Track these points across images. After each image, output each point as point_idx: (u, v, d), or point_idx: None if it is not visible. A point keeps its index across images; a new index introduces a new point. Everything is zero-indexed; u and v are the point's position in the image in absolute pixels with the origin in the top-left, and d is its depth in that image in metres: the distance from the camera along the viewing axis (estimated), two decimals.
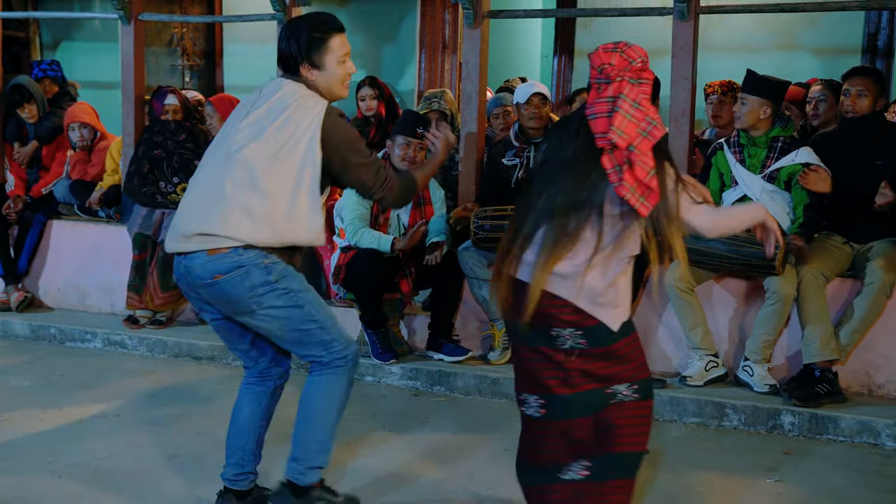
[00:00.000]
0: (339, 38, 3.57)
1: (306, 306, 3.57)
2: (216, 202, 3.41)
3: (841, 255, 5.22)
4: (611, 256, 3.12)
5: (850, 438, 4.79)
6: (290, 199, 3.41)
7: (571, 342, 3.16)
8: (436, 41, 8.37)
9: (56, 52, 9.65)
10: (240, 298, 3.45)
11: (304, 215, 3.44)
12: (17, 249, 7.06)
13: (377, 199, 3.64)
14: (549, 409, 3.22)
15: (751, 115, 5.19)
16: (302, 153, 3.40)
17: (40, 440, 4.59)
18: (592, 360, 3.17)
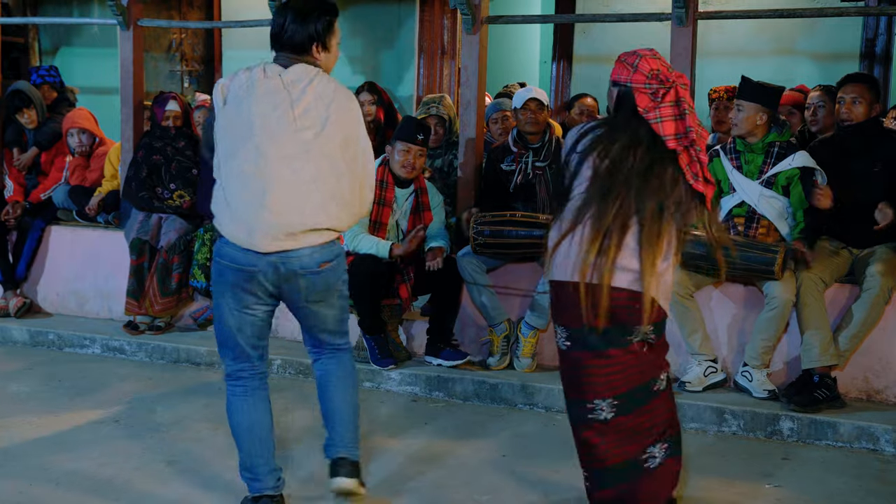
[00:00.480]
0: (337, 23, 3.80)
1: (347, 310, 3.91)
2: (310, 195, 3.57)
3: (839, 260, 5.22)
4: (669, 253, 3.36)
5: (849, 444, 4.79)
6: (361, 179, 3.71)
7: (642, 336, 3.39)
8: (434, 46, 8.38)
9: (55, 57, 9.66)
10: (333, 284, 3.73)
11: (368, 191, 3.76)
12: (15, 255, 7.06)
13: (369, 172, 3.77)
14: (618, 409, 3.41)
15: (748, 122, 5.20)
16: (361, 137, 3.70)
17: (38, 446, 4.59)
18: (654, 352, 3.45)
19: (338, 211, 3.63)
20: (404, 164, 5.57)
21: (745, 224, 5.24)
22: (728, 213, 5.29)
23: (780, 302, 5.00)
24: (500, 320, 5.63)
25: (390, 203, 5.64)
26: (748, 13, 6.09)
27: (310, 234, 3.59)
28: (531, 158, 5.82)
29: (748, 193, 5.23)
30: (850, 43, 7.67)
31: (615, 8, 8.14)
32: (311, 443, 4.72)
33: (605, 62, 8.32)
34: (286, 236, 3.55)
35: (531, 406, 5.36)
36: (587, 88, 7.58)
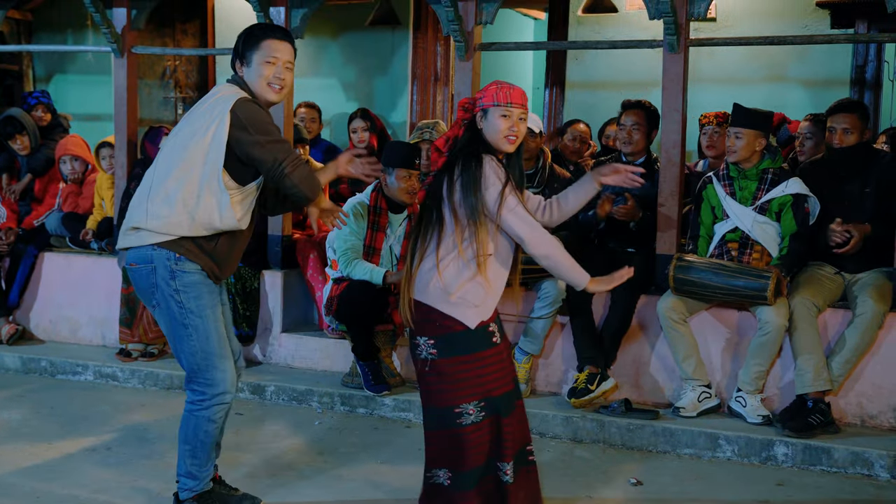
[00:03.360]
0: (276, 43, 3.74)
1: (190, 328, 3.74)
2: (143, 195, 3.75)
3: (832, 285, 5.24)
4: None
5: (844, 469, 4.78)
6: (206, 181, 3.62)
7: (422, 352, 3.54)
8: (428, 73, 8.41)
9: (49, 84, 9.69)
10: (148, 291, 3.76)
11: (213, 198, 3.63)
12: (8, 282, 7.04)
13: (285, 173, 3.64)
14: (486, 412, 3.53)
15: (746, 149, 5.22)
16: (210, 138, 3.60)
17: (30, 474, 4.56)
18: (434, 375, 3.53)
19: (154, 209, 3.67)
20: (409, 191, 5.59)
21: (738, 249, 5.25)
22: (721, 238, 5.31)
23: (772, 327, 5.01)
24: None
25: (384, 228, 5.65)
26: (739, 40, 6.12)
27: (130, 232, 3.75)
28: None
29: (741, 219, 5.25)
30: (841, 69, 7.72)
31: (607, 35, 8.19)
32: (303, 470, 4.71)
33: (598, 89, 8.41)
34: (123, 234, 3.77)
35: None
36: (580, 114, 7.62)
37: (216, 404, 3.80)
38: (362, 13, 8.47)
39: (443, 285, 3.46)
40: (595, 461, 4.94)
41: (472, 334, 3.49)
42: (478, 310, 3.50)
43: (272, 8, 6.33)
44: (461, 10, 5.88)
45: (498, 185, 3.43)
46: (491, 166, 3.47)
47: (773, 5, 7.79)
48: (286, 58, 3.77)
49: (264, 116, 3.68)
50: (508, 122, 3.50)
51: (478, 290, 3.48)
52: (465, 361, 3.49)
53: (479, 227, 3.45)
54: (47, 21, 9.58)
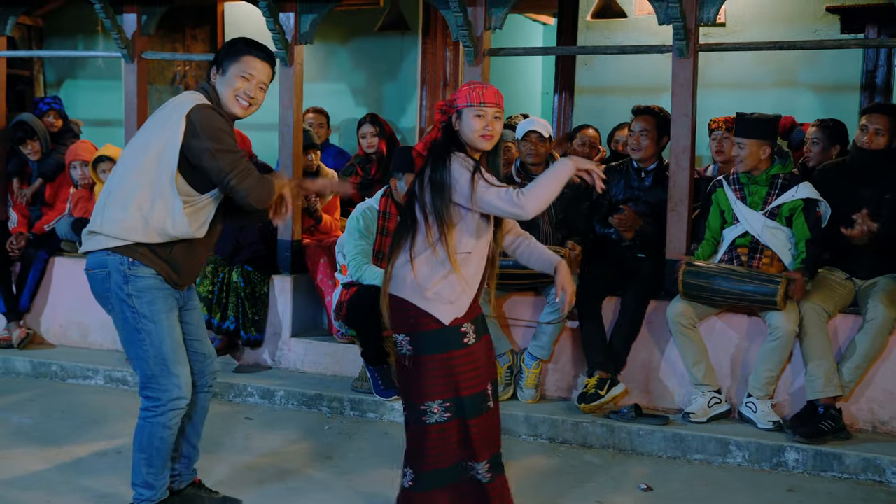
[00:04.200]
0: (256, 62, 3.76)
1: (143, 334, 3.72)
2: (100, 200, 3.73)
3: (843, 290, 5.22)
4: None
5: (855, 475, 4.77)
6: (159, 188, 3.59)
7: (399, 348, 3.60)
8: (437, 78, 8.42)
9: (60, 89, 9.72)
10: (102, 295, 3.76)
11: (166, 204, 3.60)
12: (19, 286, 7.06)
13: (232, 185, 3.61)
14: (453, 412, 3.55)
15: (751, 158, 5.22)
16: (165, 143, 3.58)
17: (40, 478, 4.57)
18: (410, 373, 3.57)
19: (110, 213, 3.65)
20: None
21: (748, 254, 5.24)
22: (731, 243, 5.30)
23: (782, 332, 4.99)
24: (504, 351, 5.62)
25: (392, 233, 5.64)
26: (749, 45, 6.12)
27: (89, 236, 3.74)
28: None
29: (752, 224, 5.24)
30: (851, 74, 7.70)
31: (616, 40, 8.18)
32: (312, 475, 4.71)
33: (607, 94, 8.40)
34: (84, 238, 3.79)
35: (535, 437, 5.34)
36: (589, 120, 7.61)
37: (171, 410, 3.75)
38: (371, 19, 8.48)
39: (418, 282, 3.49)
40: (605, 466, 4.93)
41: (444, 333, 3.50)
42: (452, 307, 3.51)
43: (282, 14, 6.35)
44: (470, 16, 5.89)
45: (466, 174, 3.46)
46: (458, 160, 3.50)
47: (783, 10, 7.77)
48: (262, 78, 3.77)
49: (219, 124, 3.64)
50: (483, 122, 3.53)
51: (452, 287, 3.50)
52: (435, 360, 3.50)
53: (447, 228, 3.48)
54: (58, 27, 9.62)
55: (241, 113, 3.76)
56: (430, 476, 3.56)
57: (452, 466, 3.58)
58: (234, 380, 6.07)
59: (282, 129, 6.49)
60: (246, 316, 6.24)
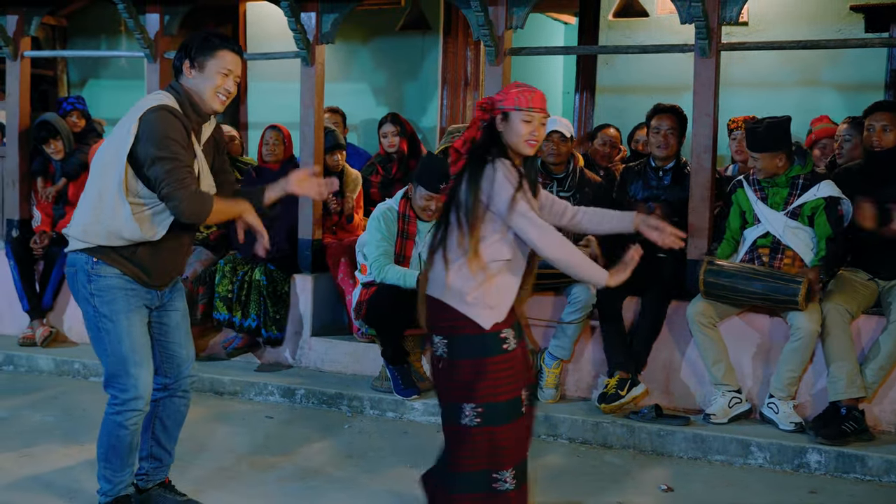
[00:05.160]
0: (231, 56, 3.74)
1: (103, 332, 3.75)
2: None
3: (866, 291, 5.18)
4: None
5: (878, 477, 4.73)
6: (111, 192, 3.59)
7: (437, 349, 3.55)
8: (458, 78, 8.42)
9: (83, 89, 9.79)
10: (76, 295, 3.79)
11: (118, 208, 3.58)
12: (42, 285, 7.12)
13: (164, 194, 3.53)
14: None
15: (767, 169, 5.20)
16: (118, 146, 3.58)
17: (62, 475, 4.60)
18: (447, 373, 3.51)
19: (78, 216, 3.70)
20: (425, 209, 5.59)
21: (769, 255, 5.21)
22: (753, 243, 5.27)
23: (804, 332, 4.96)
24: None
25: (413, 236, 5.65)
26: (771, 44, 6.09)
27: (68, 237, 3.77)
28: (555, 188, 5.82)
29: (773, 224, 5.21)
30: (875, 73, 7.64)
31: (638, 39, 8.15)
32: (332, 474, 4.72)
33: (629, 93, 8.37)
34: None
35: (555, 437, 5.33)
36: (610, 119, 7.59)
37: (127, 410, 3.75)
38: (393, 18, 8.49)
39: (458, 286, 3.43)
40: (625, 467, 4.91)
41: (484, 338, 3.44)
42: (493, 311, 3.45)
43: (303, 13, 6.36)
44: (491, 15, 5.89)
45: (510, 190, 3.38)
46: (504, 170, 3.42)
47: (807, 9, 7.73)
48: (237, 72, 3.76)
49: (168, 131, 3.55)
50: (530, 127, 3.46)
51: (492, 292, 3.44)
52: (471, 364, 3.43)
53: (483, 235, 3.43)
54: (81, 27, 9.69)
55: (220, 108, 3.76)
56: (462, 477, 3.49)
57: (482, 471, 3.48)
58: (255, 378, 6.09)
59: (303, 128, 6.50)
60: (267, 314, 6.26)
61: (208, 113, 3.76)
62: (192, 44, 3.74)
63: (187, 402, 4.06)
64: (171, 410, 4.02)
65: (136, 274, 3.71)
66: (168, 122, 3.57)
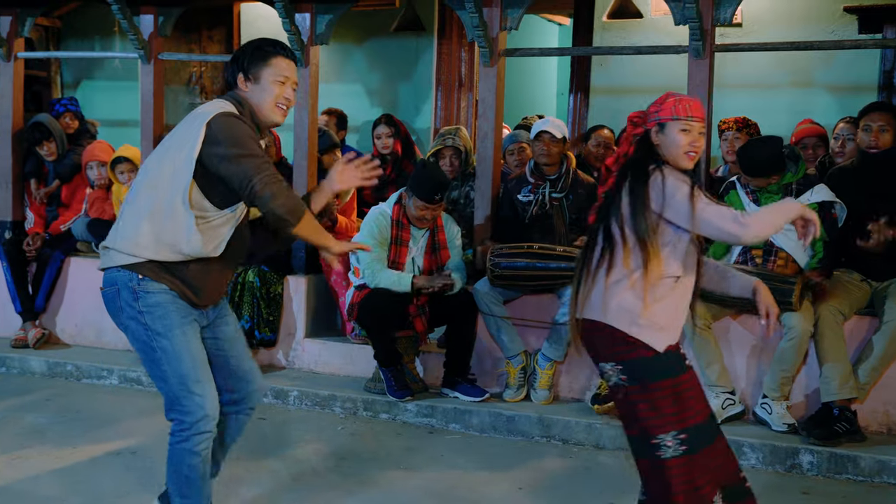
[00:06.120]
0: (286, 62, 3.53)
1: (158, 352, 3.44)
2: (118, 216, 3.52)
3: (859, 292, 5.19)
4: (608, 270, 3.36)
5: (870, 478, 4.74)
6: (172, 202, 3.35)
7: (610, 378, 3.34)
8: (452, 79, 8.42)
9: (77, 90, 9.77)
10: (115, 315, 3.50)
11: (178, 219, 3.35)
12: (35, 286, 7.10)
13: (255, 190, 3.28)
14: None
15: (761, 186, 5.25)
16: (183, 154, 3.34)
17: (55, 477, 4.59)
18: (630, 402, 3.29)
19: (123, 229, 3.44)
20: (420, 219, 5.58)
21: (762, 257, 5.22)
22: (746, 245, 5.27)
23: (797, 333, 4.97)
24: (517, 352, 5.61)
25: (406, 242, 5.64)
26: (765, 45, 6.09)
27: (103, 252, 3.53)
28: (548, 189, 5.82)
29: None
30: (868, 75, 7.65)
31: (632, 41, 8.16)
32: (325, 475, 4.72)
33: (623, 94, 8.37)
34: (101, 253, 3.57)
35: (548, 439, 5.33)
36: (604, 120, 7.59)
37: (196, 433, 3.44)
38: (387, 19, 8.49)
39: (627, 307, 3.21)
40: (618, 468, 4.91)
41: (663, 359, 3.22)
42: (664, 333, 3.23)
43: (297, 14, 6.36)
44: (486, 17, 5.89)
45: (685, 188, 3.15)
46: (673, 174, 3.20)
47: (800, 11, 7.74)
48: (294, 78, 3.55)
49: (242, 130, 3.35)
50: (689, 137, 3.24)
51: (664, 313, 3.23)
52: (661, 388, 3.20)
53: (653, 250, 3.19)
54: (75, 28, 9.68)
55: (281, 119, 3.53)
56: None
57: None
58: None
59: (297, 130, 6.49)
60: (260, 316, 6.25)
61: (268, 126, 3.55)
62: (244, 54, 3.52)
63: (251, 416, 3.77)
64: (233, 428, 3.74)
65: (182, 291, 3.44)
66: (241, 126, 3.37)
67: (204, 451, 3.47)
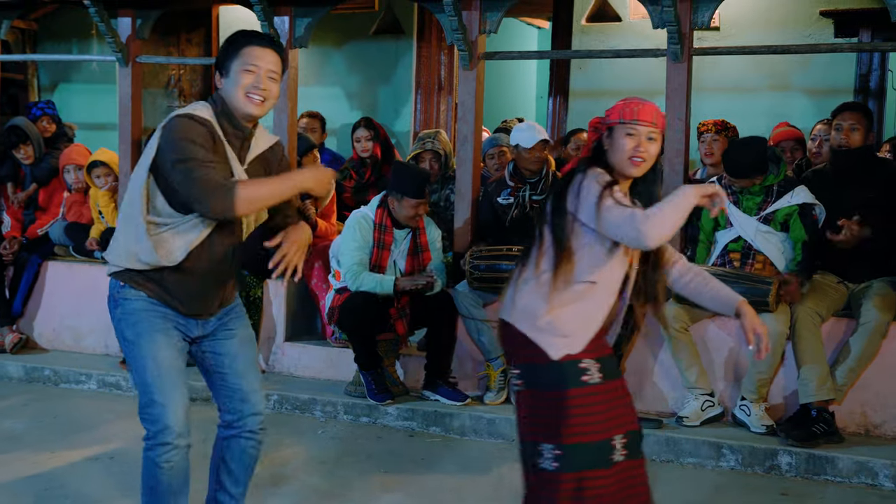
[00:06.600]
0: (257, 50, 3.31)
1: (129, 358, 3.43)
2: None
3: (836, 294, 5.22)
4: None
5: (848, 479, 4.77)
6: (132, 210, 3.29)
7: (512, 377, 3.23)
8: (431, 82, 8.42)
9: (54, 93, 9.71)
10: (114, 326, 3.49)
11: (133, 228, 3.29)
12: (12, 291, 7.04)
13: (191, 200, 3.18)
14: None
15: (744, 186, 5.26)
16: (141, 162, 3.29)
17: (32, 483, 4.56)
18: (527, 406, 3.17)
19: (112, 238, 3.43)
20: (412, 217, 5.59)
21: (740, 259, 5.24)
22: (724, 248, 5.30)
23: (774, 335, 4.99)
24: (497, 355, 5.61)
25: (389, 246, 5.64)
26: (743, 49, 6.13)
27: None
28: (528, 192, 5.84)
29: (745, 229, 5.24)
30: (845, 78, 7.72)
31: (611, 44, 8.20)
32: (306, 479, 4.70)
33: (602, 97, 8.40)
34: None
35: None
36: (583, 123, 7.62)
37: (158, 444, 3.33)
38: (366, 22, 8.49)
39: (532, 307, 3.08)
40: None
41: (555, 367, 3.05)
42: (567, 341, 3.05)
43: (276, 17, 6.34)
44: (465, 20, 5.89)
45: (596, 188, 2.98)
46: (593, 174, 3.04)
47: (777, 14, 7.80)
48: (269, 66, 3.31)
49: (185, 133, 3.18)
50: (633, 142, 3.05)
51: (571, 319, 3.06)
52: (545, 398, 3.06)
53: (566, 252, 3.04)
54: (52, 30, 9.62)
55: (256, 111, 3.31)
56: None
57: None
58: None
59: (276, 133, 6.47)
60: None
61: (243, 119, 3.33)
62: (220, 50, 3.38)
63: (255, 443, 3.57)
64: (235, 452, 3.57)
65: (164, 299, 3.36)
66: (188, 127, 3.20)
67: (167, 465, 3.35)
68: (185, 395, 3.40)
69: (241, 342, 3.55)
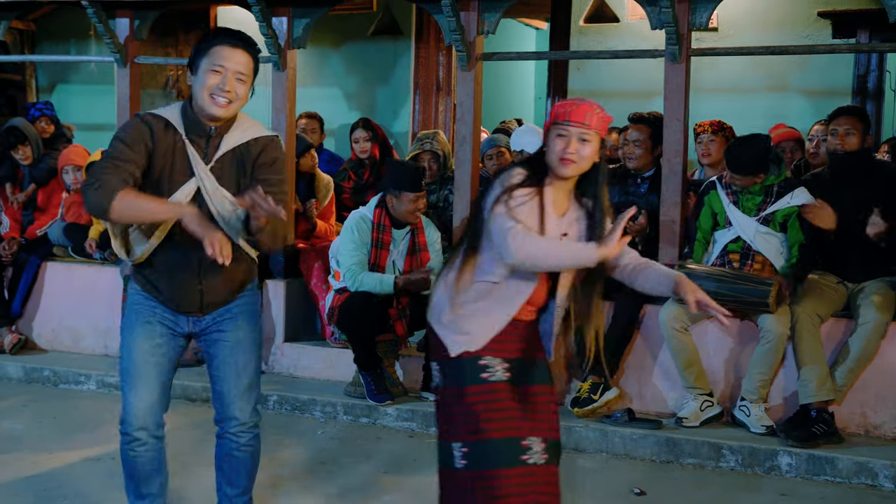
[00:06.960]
0: (226, 50, 3.27)
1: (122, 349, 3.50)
2: None
3: (835, 295, 5.23)
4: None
5: (848, 480, 4.77)
6: None
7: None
8: (430, 83, 8.42)
9: (52, 94, 9.71)
10: None
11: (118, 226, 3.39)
12: (11, 291, 7.04)
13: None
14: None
15: (746, 185, 5.25)
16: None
17: (32, 483, 4.55)
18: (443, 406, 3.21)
19: None
20: (414, 212, 5.60)
21: (740, 260, 5.24)
22: (723, 248, 5.30)
23: (774, 335, 5.00)
24: None
25: (387, 245, 5.65)
26: (741, 50, 6.13)
27: None
28: None
29: (744, 229, 5.24)
30: (843, 79, 7.73)
31: (609, 45, 8.20)
32: (305, 480, 4.70)
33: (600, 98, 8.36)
34: None
35: None
36: None
37: (122, 433, 3.42)
38: (364, 23, 8.49)
39: (440, 303, 3.13)
40: (598, 471, 4.93)
41: (459, 364, 3.07)
42: (466, 338, 3.06)
43: (274, 18, 6.34)
44: (463, 21, 5.89)
45: (497, 190, 3.02)
46: (506, 175, 3.07)
47: (775, 15, 7.80)
48: (237, 68, 3.26)
49: (120, 131, 3.28)
50: (563, 143, 3.02)
51: (473, 317, 3.07)
52: (449, 394, 3.10)
53: (471, 250, 3.09)
54: (50, 31, 9.61)
55: (219, 112, 3.26)
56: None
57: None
58: None
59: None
60: None
61: (205, 119, 3.30)
62: (192, 46, 3.39)
63: (237, 447, 3.56)
64: (223, 452, 3.59)
65: (153, 293, 3.41)
66: (126, 125, 3.28)
67: (131, 454, 3.44)
68: (154, 389, 3.42)
69: (231, 346, 3.48)
